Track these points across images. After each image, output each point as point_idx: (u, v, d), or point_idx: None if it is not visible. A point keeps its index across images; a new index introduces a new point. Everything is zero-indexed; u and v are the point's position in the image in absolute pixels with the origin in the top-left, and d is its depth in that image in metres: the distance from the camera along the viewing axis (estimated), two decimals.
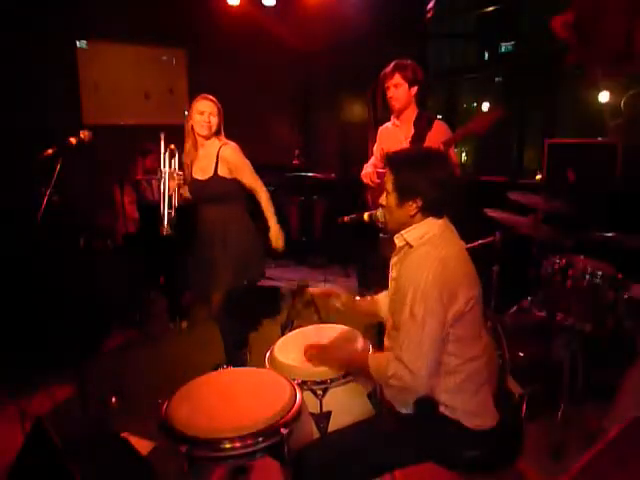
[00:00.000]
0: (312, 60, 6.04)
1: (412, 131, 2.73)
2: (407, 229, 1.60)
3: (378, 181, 2.81)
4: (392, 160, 1.62)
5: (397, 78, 2.65)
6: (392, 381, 1.48)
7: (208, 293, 2.80)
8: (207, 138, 2.69)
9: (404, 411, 1.59)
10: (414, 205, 1.55)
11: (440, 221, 1.59)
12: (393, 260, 1.72)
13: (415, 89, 2.68)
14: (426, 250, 1.53)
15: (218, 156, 2.67)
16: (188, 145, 2.73)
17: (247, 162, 2.72)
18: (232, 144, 2.71)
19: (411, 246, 1.58)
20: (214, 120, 2.65)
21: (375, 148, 3.00)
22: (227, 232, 2.71)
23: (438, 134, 2.65)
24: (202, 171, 2.70)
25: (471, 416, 1.56)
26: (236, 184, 2.70)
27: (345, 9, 4.86)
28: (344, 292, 1.98)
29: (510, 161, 4.79)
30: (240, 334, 2.97)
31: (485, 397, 1.61)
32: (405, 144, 2.71)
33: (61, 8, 4.35)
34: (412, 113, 2.75)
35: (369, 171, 2.89)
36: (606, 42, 3.59)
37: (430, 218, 1.58)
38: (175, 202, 2.71)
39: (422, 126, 2.69)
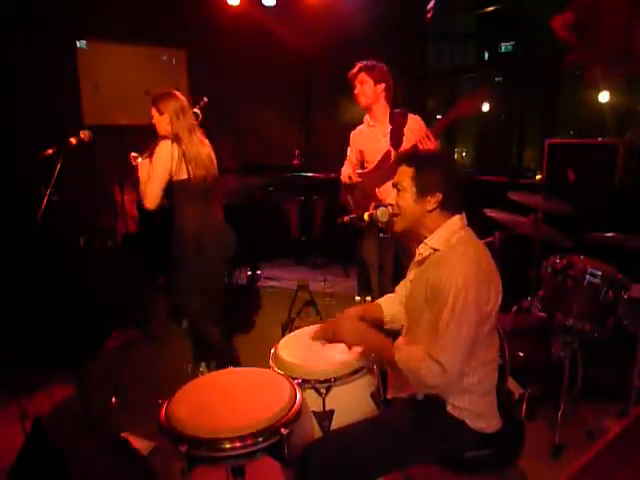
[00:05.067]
0: (312, 60, 6.04)
1: (389, 127, 2.79)
2: (430, 237, 1.61)
3: (358, 179, 2.88)
4: (410, 157, 1.67)
5: (362, 76, 2.79)
6: (425, 380, 1.47)
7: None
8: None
9: (420, 397, 1.60)
10: (433, 200, 1.58)
11: (460, 222, 1.61)
12: (415, 269, 1.71)
13: (382, 86, 2.79)
14: (462, 250, 1.54)
15: None
16: None
17: (158, 163, 2.55)
18: (172, 141, 2.58)
19: (438, 250, 1.59)
20: (154, 121, 2.62)
21: (349, 152, 3.05)
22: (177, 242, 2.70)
23: (415, 126, 2.76)
24: None
25: (476, 418, 1.57)
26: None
27: (345, 9, 4.86)
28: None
29: (510, 161, 4.80)
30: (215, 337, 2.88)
31: (492, 400, 1.62)
32: (385, 141, 2.79)
33: (61, 8, 4.35)
34: (384, 111, 2.83)
35: (350, 171, 2.94)
36: (606, 42, 3.59)
37: (450, 219, 1.60)
38: None
39: (398, 121, 2.79)
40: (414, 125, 2.77)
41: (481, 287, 1.48)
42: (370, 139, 2.88)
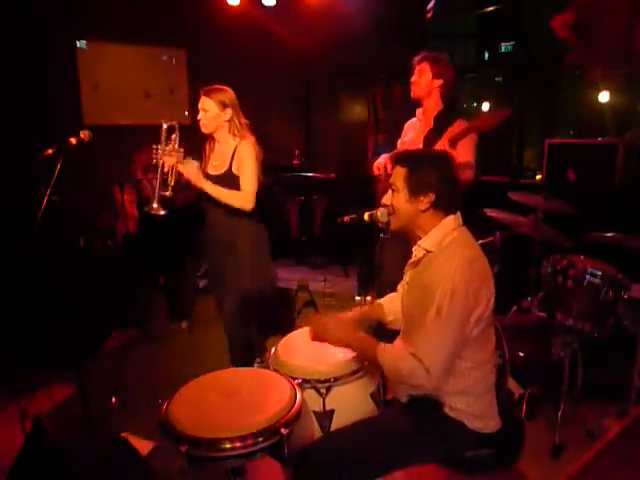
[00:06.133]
0: (312, 60, 6.04)
1: (431, 125, 2.69)
2: (423, 238, 1.61)
3: (390, 173, 2.81)
4: (404, 157, 1.67)
5: (424, 66, 2.66)
6: (407, 380, 1.48)
7: (220, 297, 2.74)
8: (207, 135, 2.61)
9: (403, 400, 1.62)
10: (426, 200, 1.58)
11: (454, 223, 1.61)
12: (411, 270, 1.72)
13: (439, 82, 2.66)
14: (453, 251, 1.53)
15: (235, 151, 2.57)
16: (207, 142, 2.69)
17: (254, 162, 2.58)
18: (251, 140, 2.61)
19: (431, 252, 1.59)
20: (208, 116, 2.53)
21: (399, 142, 2.98)
22: (238, 236, 2.61)
23: (456, 132, 2.61)
24: (215, 168, 2.62)
25: (474, 419, 1.57)
26: None
27: (345, 9, 4.86)
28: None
29: (510, 161, 4.79)
30: (248, 340, 2.86)
31: (491, 401, 1.62)
32: (421, 137, 2.67)
33: (61, 8, 4.35)
34: (435, 108, 2.71)
35: (382, 161, 2.87)
36: (606, 42, 3.59)
37: (444, 220, 1.60)
38: (171, 181, 2.52)
39: (442, 122, 2.65)
40: (455, 131, 2.58)
41: (470, 290, 1.47)
42: (413, 132, 2.81)
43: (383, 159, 2.88)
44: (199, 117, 2.57)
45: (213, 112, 2.54)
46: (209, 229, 2.71)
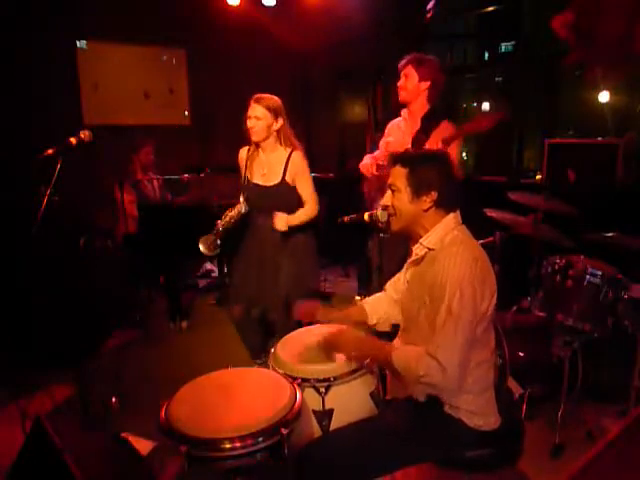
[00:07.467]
0: (312, 60, 6.04)
1: (418, 126, 2.71)
2: (425, 236, 1.61)
3: (377, 173, 2.81)
4: (405, 157, 1.66)
5: (409, 69, 2.67)
6: (424, 379, 1.47)
7: (274, 302, 2.72)
8: (257, 143, 2.60)
9: (421, 399, 1.60)
10: (429, 199, 1.58)
11: (454, 221, 1.61)
12: (412, 268, 1.72)
13: (426, 84, 2.66)
14: (456, 249, 1.53)
15: (288, 162, 2.59)
16: (249, 149, 2.68)
17: (309, 172, 2.66)
18: (301, 149, 2.66)
19: (433, 250, 1.60)
20: (260, 124, 2.52)
21: (382, 142, 2.99)
22: (295, 242, 2.65)
23: (444, 133, 2.60)
24: (266, 177, 2.61)
25: (473, 416, 1.57)
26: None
27: (345, 9, 4.86)
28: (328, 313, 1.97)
29: (510, 161, 4.80)
30: None
31: (490, 398, 1.62)
32: (408, 138, 2.70)
33: (61, 8, 4.34)
34: (422, 109, 2.72)
35: (368, 162, 2.88)
36: (606, 42, 3.59)
37: (445, 218, 1.60)
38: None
39: (429, 123, 2.66)
40: (444, 131, 2.63)
41: (477, 288, 1.48)
42: (399, 133, 2.82)
43: (369, 160, 2.89)
44: (250, 125, 2.55)
45: (266, 121, 2.54)
46: (265, 235, 2.67)
